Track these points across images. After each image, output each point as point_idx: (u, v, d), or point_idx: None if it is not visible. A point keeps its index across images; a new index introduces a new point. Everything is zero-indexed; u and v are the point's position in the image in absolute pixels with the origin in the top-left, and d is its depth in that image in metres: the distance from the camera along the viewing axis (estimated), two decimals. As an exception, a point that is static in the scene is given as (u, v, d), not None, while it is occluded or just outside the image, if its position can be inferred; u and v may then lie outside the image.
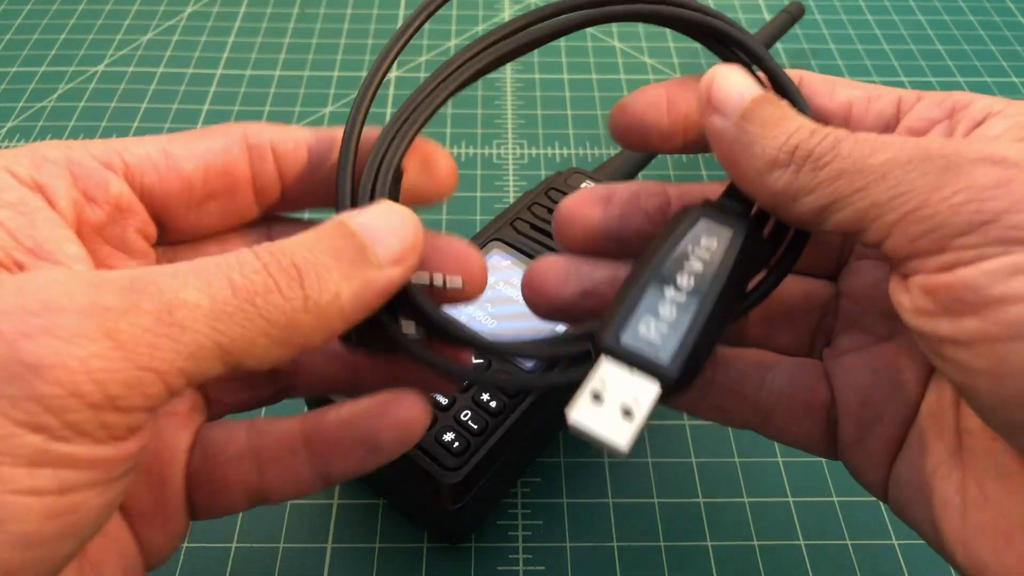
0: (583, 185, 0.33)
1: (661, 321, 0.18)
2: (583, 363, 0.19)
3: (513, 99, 0.48)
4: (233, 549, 0.29)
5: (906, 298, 0.17)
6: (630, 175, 0.39)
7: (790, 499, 0.31)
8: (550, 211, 0.32)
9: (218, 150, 0.20)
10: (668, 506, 0.31)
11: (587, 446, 0.32)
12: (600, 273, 0.22)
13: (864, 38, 0.53)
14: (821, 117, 0.22)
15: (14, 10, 0.53)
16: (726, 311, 0.19)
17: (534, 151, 0.45)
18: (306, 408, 0.29)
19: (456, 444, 0.26)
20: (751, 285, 0.21)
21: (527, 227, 0.32)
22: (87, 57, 0.49)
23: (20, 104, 0.46)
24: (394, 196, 0.20)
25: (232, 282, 0.15)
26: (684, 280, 0.19)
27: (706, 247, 0.20)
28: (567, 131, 0.46)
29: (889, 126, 0.21)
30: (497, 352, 0.20)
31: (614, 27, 0.53)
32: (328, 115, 0.47)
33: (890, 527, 0.30)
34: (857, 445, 0.21)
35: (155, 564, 0.20)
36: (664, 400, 0.18)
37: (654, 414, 0.18)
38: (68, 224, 0.17)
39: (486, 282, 0.21)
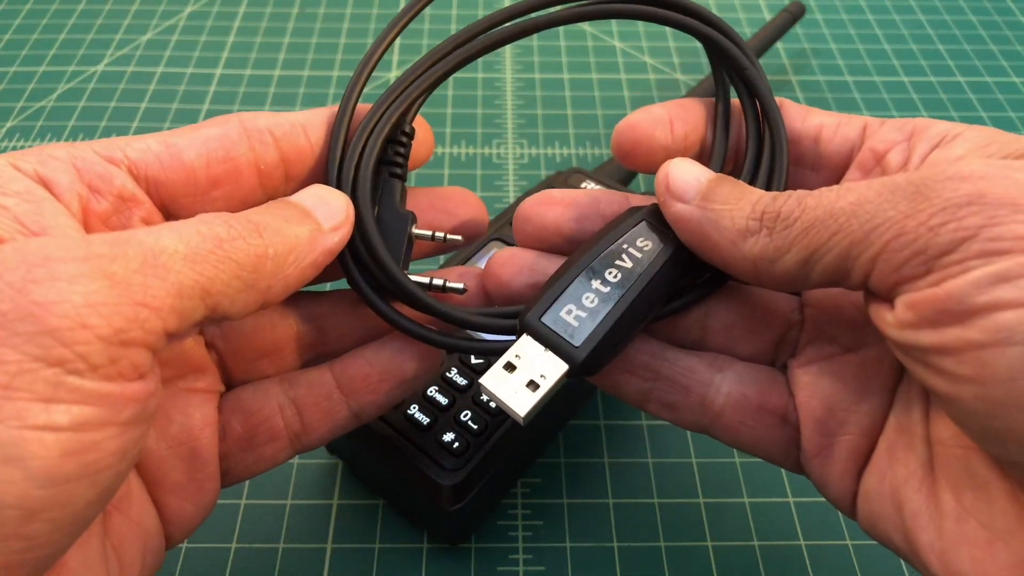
0: (583, 185, 0.33)
1: (582, 309, 0.20)
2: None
3: (513, 99, 0.48)
4: (233, 549, 0.29)
5: (888, 314, 0.17)
6: (629, 176, 0.39)
7: (790, 499, 0.31)
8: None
9: (217, 136, 0.21)
10: (668, 506, 0.31)
11: (587, 447, 0.32)
12: (552, 269, 0.22)
13: (865, 38, 0.53)
14: (793, 139, 0.23)
15: (14, 10, 0.53)
16: (645, 311, 0.21)
17: (534, 151, 0.45)
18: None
19: (456, 445, 0.26)
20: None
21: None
22: (86, 57, 0.49)
23: (19, 104, 0.46)
24: (375, 184, 0.22)
25: (200, 232, 0.17)
26: (611, 275, 0.21)
27: (639, 248, 0.21)
28: (567, 131, 0.46)
29: (855, 147, 0.22)
30: (436, 314, 0.22)
31: (614, 26, 0.53)
32: (328, 115, 0.46)
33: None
34: (821, 454, 0.21)
35: (179, 539, 0.21)
36: (572, 379, 0.20)
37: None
38: (72, 215, 0.18)
39: (486, 221, 0.25)
